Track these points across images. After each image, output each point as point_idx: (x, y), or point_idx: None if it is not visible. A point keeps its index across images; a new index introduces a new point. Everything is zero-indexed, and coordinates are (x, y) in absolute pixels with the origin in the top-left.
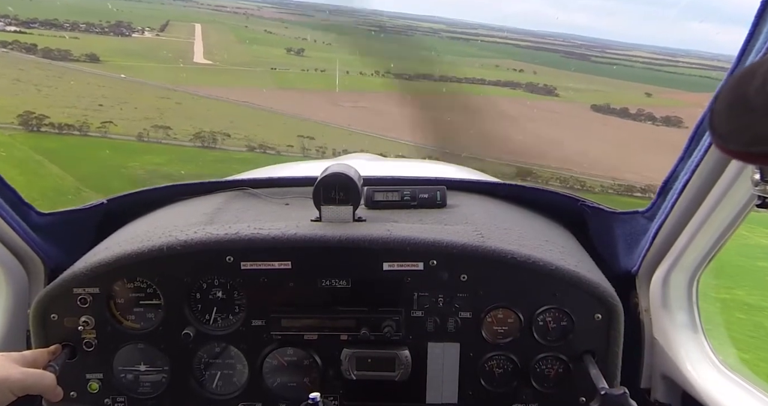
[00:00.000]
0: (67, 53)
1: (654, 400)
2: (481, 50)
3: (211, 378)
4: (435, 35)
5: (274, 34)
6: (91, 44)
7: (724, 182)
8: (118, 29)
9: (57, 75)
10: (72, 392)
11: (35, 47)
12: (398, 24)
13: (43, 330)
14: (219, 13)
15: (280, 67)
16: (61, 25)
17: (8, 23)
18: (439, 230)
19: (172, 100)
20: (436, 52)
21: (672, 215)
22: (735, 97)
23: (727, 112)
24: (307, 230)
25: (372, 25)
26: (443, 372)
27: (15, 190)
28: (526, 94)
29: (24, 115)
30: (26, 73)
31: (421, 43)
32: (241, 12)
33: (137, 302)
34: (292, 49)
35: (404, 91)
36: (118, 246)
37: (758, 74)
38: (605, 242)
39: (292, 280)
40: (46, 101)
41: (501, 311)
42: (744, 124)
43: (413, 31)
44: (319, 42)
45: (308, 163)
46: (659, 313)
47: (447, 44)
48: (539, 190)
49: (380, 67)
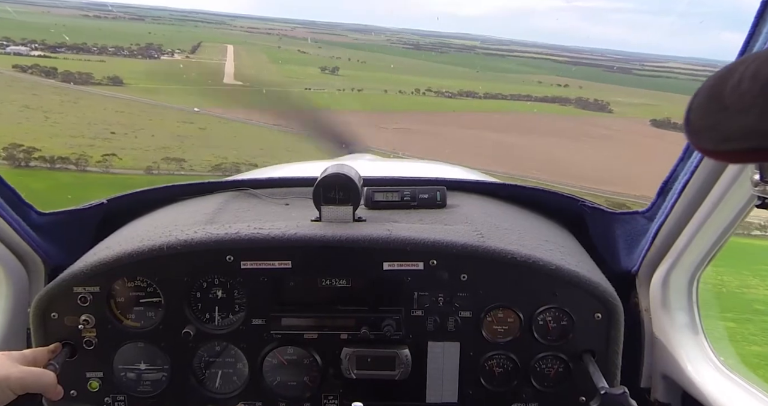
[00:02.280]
0: (89, 77)
1: (654, 399)
2: (519, 66)
3: (211, 377)
4: (470, 52)
5: (307, 54)
6: (117, 67)
7: (724, 182)
8: (147, 52)
9: (73, 100)
10: (72, 391)
11: (55, 71)
12: (432, 42)
13: (44, 329)
14: (252, 34)
15: (315, 87)
16: (89, 48)
17: (34, 48)
18: (439, 229)
19: (195, 125)
20: (475, 69)
21: (672, 215)
22: (712, 95)
23: (703, 109)
24: (307, 230)
25: (406, 43)
26: (443, 371)
27: (14, 190)
28: (577, 110)
29: (9, 148)
30: (39, 98)
31: (457, 60)
32: (273, 33)
33: (137, 300)
34: (326, 68)
35: (446, 110)
36: (118, 245)
37: (737, 72)
38: (605, 242)
39: (293, 279)
40: (51, 130)
41: (501, 311)
42: (716, 122)
43: (447, 48)
44: (353, 60)
45: (308, 164)
46: (659, 313)
47: (483, 60)
48: (539, 190)
49: (420, 85)
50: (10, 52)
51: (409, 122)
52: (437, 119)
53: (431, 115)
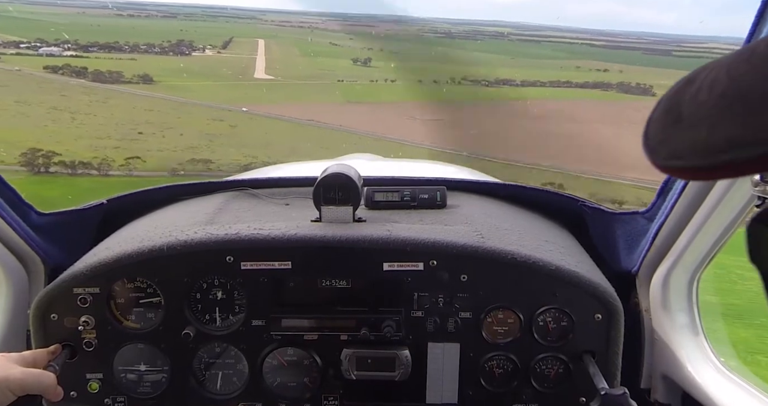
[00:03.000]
0: (119, 75)
1: (654, 400)
2: (555, 51)
3: (211, 378)
4: (503, 39)
5: (339, 46)
6: (147, 65)
7: (724, 182)
8: (178, 48)
9: (102, 99)
10: (72, 392)
11: (85, 71)
12: (464, 30)
13: (43, 330)
14: (283, 28)
15: (347, 79)
16: (121, 47)
17: (66, 48)
18: (439, 230)
19: (225, 122)
20: (510, 56)
21: (672, 215)
22: (670, 107)
23: (660, 122)
24: (307, 231)
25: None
26: (443, 372)
27: (15, 190)
28: (620, 95)
29: (28, 152)
30: (68, 99)
31: (491, 48)
32: (305, 26)
33: (137, 301)
34: (358, 60)
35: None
36: (118, 246)
37: (697, 81)
38: (605, 242)
39: (293, 280)
40: (77, 131)
41: (501, 311)
42: (668, 136)
43: (481, 36)
44: (385, 51)
45: (308, 164)
46: (659, 313)
47: (517, 47)
48: (539, 190)
49: (454, 74)
50: (43, 53)
51: (444, 112)
52: (475, 109)
53: (468, 104)
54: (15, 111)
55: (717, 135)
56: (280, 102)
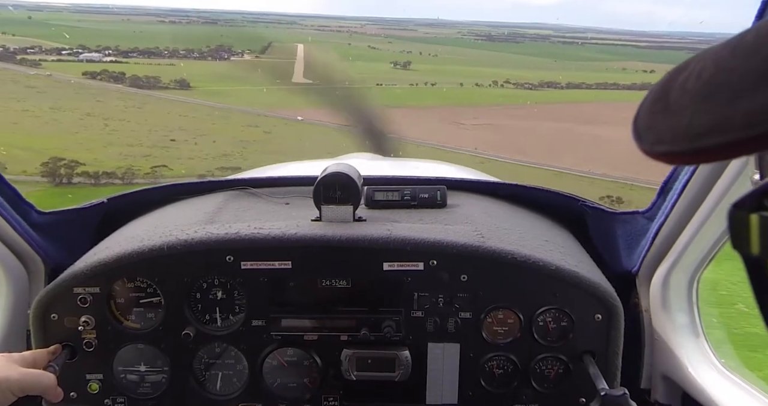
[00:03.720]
0: (156, 81)
1: (654, 400)
2: (599, 53)
3: (211, 378)
4: (545, 41)
5: (378, 50)
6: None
7: (724, 182)
8: (217, 53)
9: (138, 105)
10: (72, 393)
11: (123, 76)
12: (504, 32)
13: (43, 330)
14: (322, 32)
15: (387, 83)
16: (161, 53)
17: (107, 54)
18: (439, 229)
19: (260, 128)
20: (553, 58)
21: (672, 215)
22: (659, 95)
23: (649, 108)
24: (308, 230)
25: (478, 35)
26: (443, 373)
27: (15, 189)
28: None
29: (50, 162)
30: (103, 105)
31: (533, 50)
32: (344, 30)
33: (137, 301)
34: (397, 63)
35: (528, 102)
36: (118, 245)
37: (689, 69)
38: (605, 242)
39: (293, 280)
40: (108, 138)
41: (501, 312)
42: (654, 122)
43: (522, 38)
44: (425, 54)
45: (308, 163)
46: (659, 313)
47: (560, 49)
48: (539, 190)
49: (497, 77)
50: (83, 59)
51: (489, 117)
52: (519, 112)
53: (512, 108)
54: (48, 118)
55: (698, 121)
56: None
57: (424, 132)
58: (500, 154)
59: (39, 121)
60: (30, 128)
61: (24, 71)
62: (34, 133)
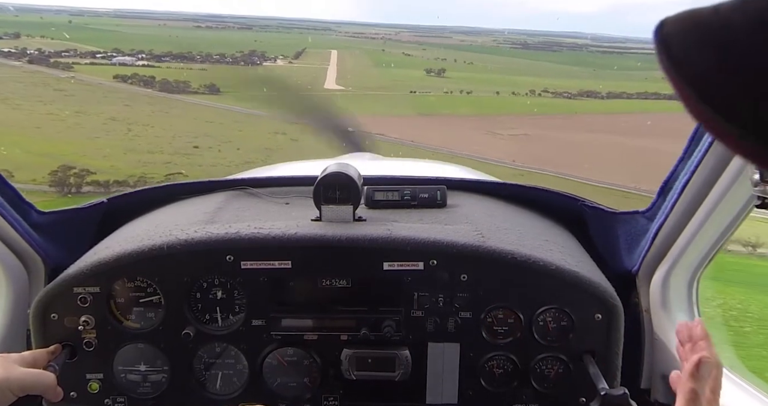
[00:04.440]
0: (186, 85)
1: (654, 400)
2: (639, 62)
3: (211, 378)
4: (582, 50)
5: (412, 57)
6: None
7: (724, 182)
8: (250, 58)
9: (165, 109)
10: (72, 393)
11: (153, 80)
12: (540, 41)
13: (43, 330)
14: (356, 39)
15: (420, 90)
16: (193, 57)
17: (140, 58)
18: (439, 229)
19: (288, 135)
20: (591, 67)
21: (672, 215)
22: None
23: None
24: (308, 230)
25: (513, 43)
26: (443, 372)
27: (15, 189)
28: None
29: (59, 170)
30: (130, 109)
31: (570, 59)
32: (378, 37)
33: (137, 301)
34: (432, 70)
35: (567, 112)
36: (118, 245)
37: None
38: (605, 242)
39: (293, 279)
40: (129, 144)
41: (501, 311)
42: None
43: (558, 47)
44: (459, 61)
45: (308, 163)
46: (659, 313)
47: (598, 58)
48: (539, 190)
49: (534, 85)
50: (116, 62)
51: (526, 127)
52: (558, 123)
53: (551, 118)
54: (72, 122)
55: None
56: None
57: (458, 142)
58: (543, 168)
59: (62, 125)
60: (51, 133)
61: (56, 74)
62: (54, 138)
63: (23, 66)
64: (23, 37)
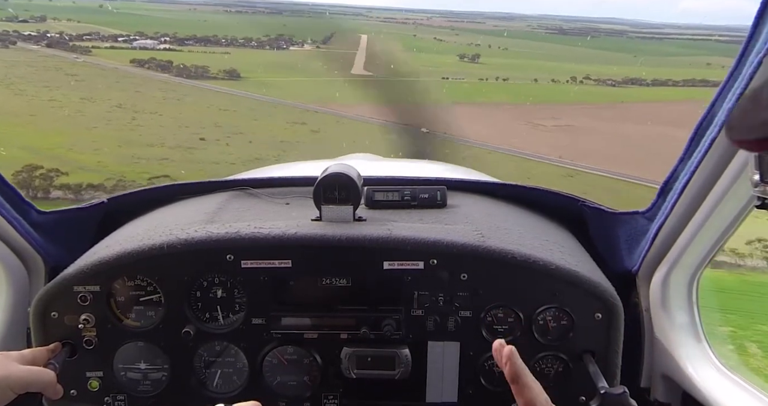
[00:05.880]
0: (204, 70)
1: (654, 400)
2: (681, 48)
3: (211, 377)
4: (621, 36)
5: (444, 42)
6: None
7: (724, 183)
8: (276, 43)
9: (178, 96)
10: (72, 391)
11: (170, 65)
12: (577, 26)
13: (44, 328)
14: (387, 23)
15: (453, 77)
16: (218, 41)
17: (163, 42)
18: (439, 229)
19: (308, 126)
20: (632, 53)
21: (672, 215)
22: (756, 93)
23: (744, 105)
24: (308, 230)
25: (549, 29)
26: (443, 371)
27: (15, 189)
28: None
29: (24, 171)
30: (140, 95)
31: (609, 45)
32: (410, 22)
33: (137, 300)
34: (465, 56)
35: (612, 100)
36: (118, 244)
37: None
38: (605, 242)
39: (293, 278)
40: (127, 136)
41: (501, 310)
42: (747, 115)
43: (595, 33)
44: (494, 47)
45: (308, 163)
46: (659, 313)
47: (638, 45)
48: (539, 190)
49: (575, 72)
50: (137, 46)
51: (570, 117)
52: (604, 112)
53: (596, 107)
54: (74, 109)
55: None
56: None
57: (495, 133)
58: (592, 166)
59: (61, 112)
60: (45, 122)
61: (72, 59)
62: (46, 128)
63: (41, 50)
64: (49, 20)
